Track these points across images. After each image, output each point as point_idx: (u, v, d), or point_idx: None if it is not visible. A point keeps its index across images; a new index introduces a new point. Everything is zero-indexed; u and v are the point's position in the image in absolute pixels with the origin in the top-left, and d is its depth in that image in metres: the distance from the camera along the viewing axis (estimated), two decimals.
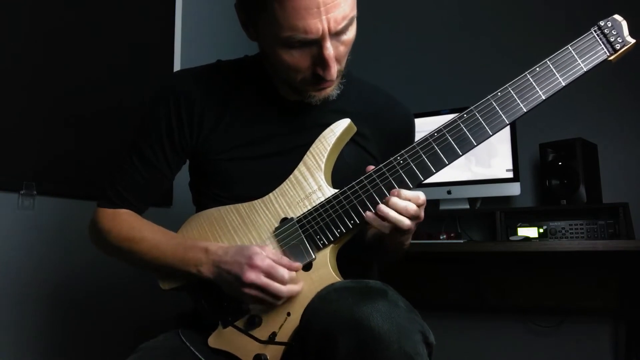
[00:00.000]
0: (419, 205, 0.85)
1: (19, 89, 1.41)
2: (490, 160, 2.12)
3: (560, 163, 1.98)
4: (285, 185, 0.93)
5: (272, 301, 0.84)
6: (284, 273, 0.83)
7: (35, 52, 1.46)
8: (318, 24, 0.78)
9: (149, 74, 1.85)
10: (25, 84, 1.43)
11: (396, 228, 0.84)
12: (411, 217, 0.84)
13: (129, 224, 0.97)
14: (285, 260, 0.87)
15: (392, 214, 0.83)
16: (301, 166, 0.93)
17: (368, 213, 0.86)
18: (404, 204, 0.83)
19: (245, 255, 0.84)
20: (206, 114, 0.98)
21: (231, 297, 0.89)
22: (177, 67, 1.98)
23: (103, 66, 1.66)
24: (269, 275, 0.83)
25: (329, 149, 0.93)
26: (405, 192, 0.84)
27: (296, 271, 0.87)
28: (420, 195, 0.85)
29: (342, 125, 0.94)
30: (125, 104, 1.73)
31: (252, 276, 0.82)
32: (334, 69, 0.84)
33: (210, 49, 2.17)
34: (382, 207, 0.84)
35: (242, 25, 0.90)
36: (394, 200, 0.84)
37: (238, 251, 0.86)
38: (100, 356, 1.59)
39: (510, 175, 2.09)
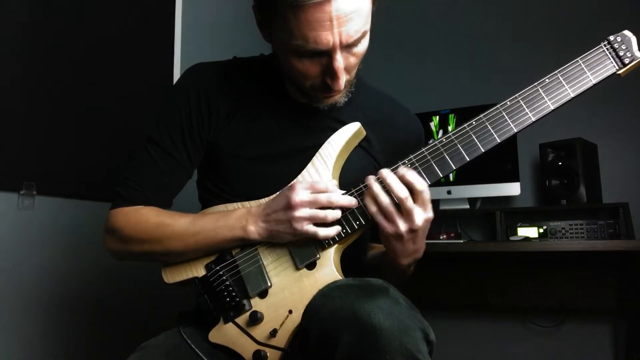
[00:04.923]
0: (412, 191, 0.82)
1: (19, 89, 1.41)
2: (490, 160, 2.12)
3: (560, 163, 1.98)
4: None
5: (324, 216, 0.85)
6: (326, 183, 0.87)
7: (35, 51, 1.46)
8: (329, 36, 0.79)
9: (149, 73, 1.85)
10: (25, 84, 1.43)
11: (377, 202, 0.83)
12: (400, 200, 0.82)
13: (155, 212, 0.94)
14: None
15: (376, 188, 0.83)
16: (309, 167, 0.94)
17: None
18: (391, 179, 0.83)
19: (283, 191, 0.88)
20: (220, 109, 0.98)
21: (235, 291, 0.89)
22: (177, 66, 1.98)
23: (103, 66, 1.66)
24: (312, 188, 0.86)
25: (338, 150, 0.93)
26: (404, 173, 0.83)
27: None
28: (418, 183, 0.82)
29: (351, 128, 0.94)
30: (125, 103, 1.73)
31: (300, 195, 0.84)
32: (343, 80, 0.85)
33: (210, 48, 2.17)
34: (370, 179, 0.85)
35: (258, 25, 0.90)
36: (383, 172, 0.84)
37: (275, 196, 0.90)
38: (101, 355, 1.59)
39: (510, 175, 2.09)
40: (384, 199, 0.83)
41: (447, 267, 2.28)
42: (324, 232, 0.85)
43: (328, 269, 0.88)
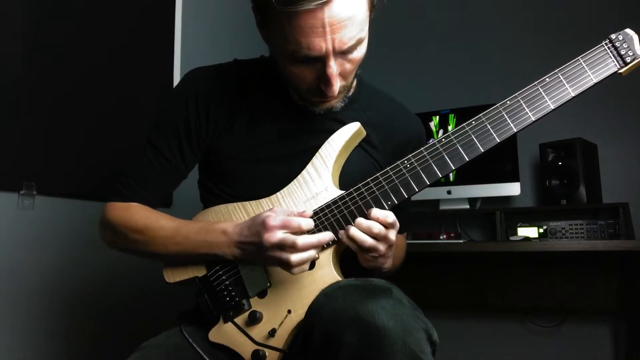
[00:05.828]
0: (386, 226, 0.85)
1: (19, 89, 1.41)
2: (490, 160, 2.12)
3: (560, 163, 1.98)
4: (293, 185, 0.94)
5: (295, 259, 0.82)
6: (299, 221, 0.84)
7: (35, 51, 1.45)
8: (322, 43, 0.79)
9: (149, 74, 1.85)
10: (25, 84, 1.43)
11: (361, 247, 0.85)
12: (375, 237, 0.84)
13: (145, 214, 0.96)
14: (297, 211, 0.88)
15: (354, 232, 0.84)
16: (309, 167, 0.94)
17: (341, 231, 0.87)
18: (367, 224, 0.84)
19: (258, 222, 0.85)
20: (221, 112, 0.98)
21: (231, 297, 0.90)
22: (177, 67, 1.98)
23: (103, 66, 1.66)
24: (285, 227, 0.83)
25: (337, 150, 0.93)
26: (374, 212, 0.85)
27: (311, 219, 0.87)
28: (389, 216, 0.85)
29: (351, 128, 0.94)
30: (125, 103, 1.72)
31: (271, 237, 0.82)
32: (336, 87, 0.85)
33: (210, 49, 2.17)
34: (349, 226, 0.86)
35: (257, 26, 0.91)
36: (359, 220, 0.85)
37: (252, 223, 0.87)
38: (101, 355, 1.59)
39: (510, 175, 2.09)
40: (369, 240, 0.84)
41: (447, 267, 2.28)
42: (298, 270, 0.84)
43: (327, 269, 0.88)
